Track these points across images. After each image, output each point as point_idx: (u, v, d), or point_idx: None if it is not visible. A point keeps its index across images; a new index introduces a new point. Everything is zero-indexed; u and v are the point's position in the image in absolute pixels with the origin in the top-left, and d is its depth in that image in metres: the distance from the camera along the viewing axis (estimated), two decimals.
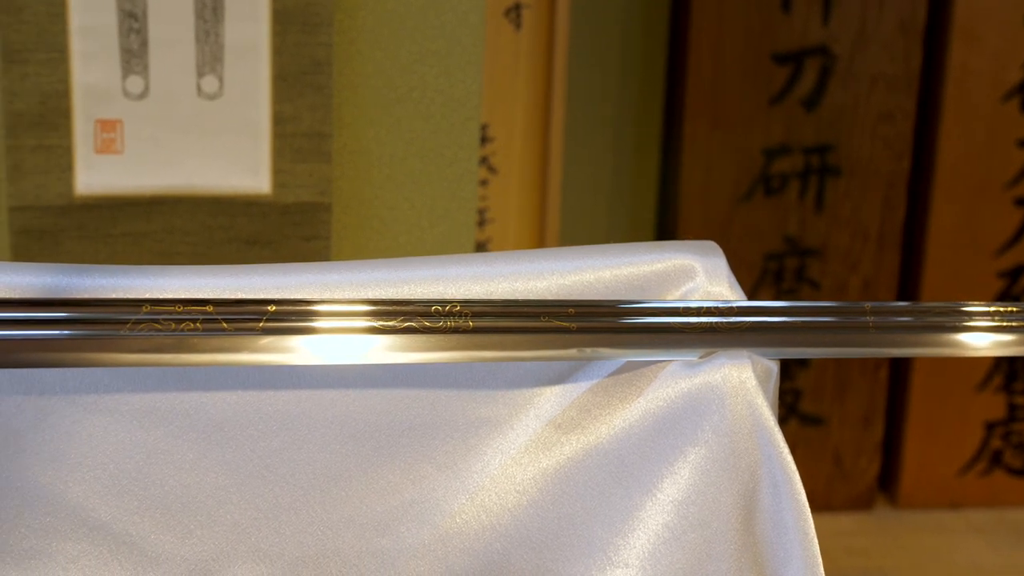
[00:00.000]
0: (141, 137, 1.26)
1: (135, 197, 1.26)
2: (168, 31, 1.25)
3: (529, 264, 0.72)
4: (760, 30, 2.01)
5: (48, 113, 1.23)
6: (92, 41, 1.22)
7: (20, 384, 0.67)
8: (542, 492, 0.71)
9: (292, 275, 0.70)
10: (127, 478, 0.69)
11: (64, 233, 1.25)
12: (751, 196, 2.08)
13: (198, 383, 0.69)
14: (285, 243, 1.31)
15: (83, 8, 1.22)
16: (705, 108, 2.04)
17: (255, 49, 1.26)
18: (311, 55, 1.27)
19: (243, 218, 1.30)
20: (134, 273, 0.69)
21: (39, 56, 1.21)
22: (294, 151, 1.29)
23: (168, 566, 0.70)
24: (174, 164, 1.27)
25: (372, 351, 0.68)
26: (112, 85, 1.24)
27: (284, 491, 0.70)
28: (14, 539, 0.68)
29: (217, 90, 1.27)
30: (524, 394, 0.72)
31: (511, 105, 1.87)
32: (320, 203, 1.31)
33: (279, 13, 1.25)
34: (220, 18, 1.26)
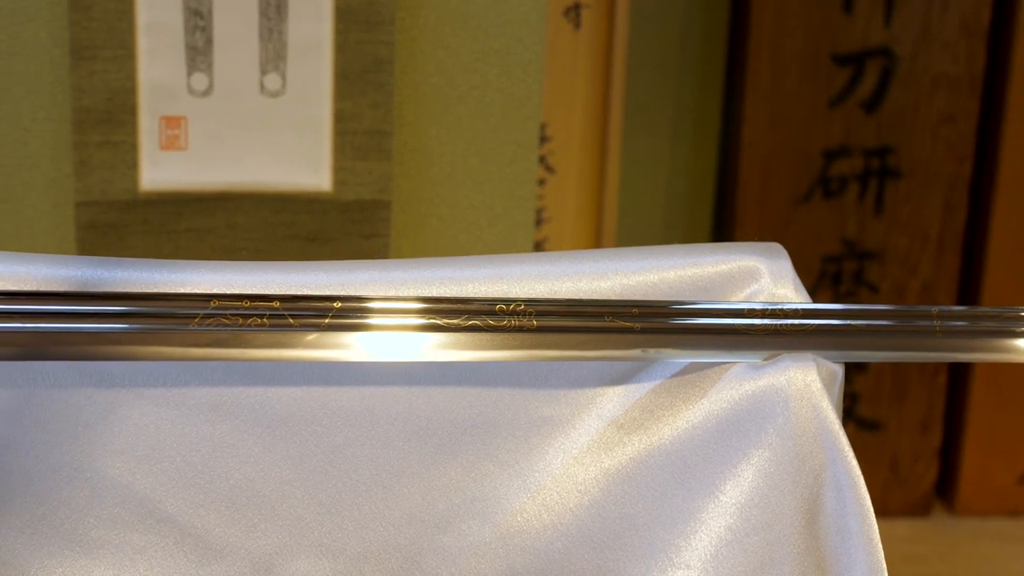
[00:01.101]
0: (205, 134, 1.27)
1: (198, 193, 1.27)
2: (232, 29, 1.26)
3: (593, 264, 0.72)
4: (820, 31, 1.99)
5: (114, 110, 1.24)
6: (158, 38, 1.24)
7: (89, 377, 0.68)
8: (604, 492, 0.71)
9: (357, 272, 0.71)
10: (193, 471, 0.70)
11: (128, 228, 1.27)
12: (809, 198, 2.07)
13: (264, 378, 0.70)
14: (345, 240, 1.32)
15: (150, 6, 1.23)
16: (764, 109, 2.02)
17: (318, 47, 1.27)
18: (373, 53, 1.28)
19: (304, 215, 1.31)
20: (202, 268, 0.70)
21: (106, 53, 1.23)
22: (355, 149, 1.30)
23: (232, 559, 0.71)
24: (237, 161, 1.28)
25: (435, 349, 0.68)
26: (177, 82, 1.26)
27: (347, 486, 0.71)
28: (83, 529, 0.69)
29: (280, 88, 1.28)
30: (587, 394, 0.72)
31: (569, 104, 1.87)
32: (380, 201, 1.31)
33: (342, 11, 1.26)
34: (284, 16, 1.27)
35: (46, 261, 0.69)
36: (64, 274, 0.68)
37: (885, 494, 2.14)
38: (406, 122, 1.34)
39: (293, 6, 1.26)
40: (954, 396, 2.17)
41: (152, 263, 0.70)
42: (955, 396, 2.17)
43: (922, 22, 2.00)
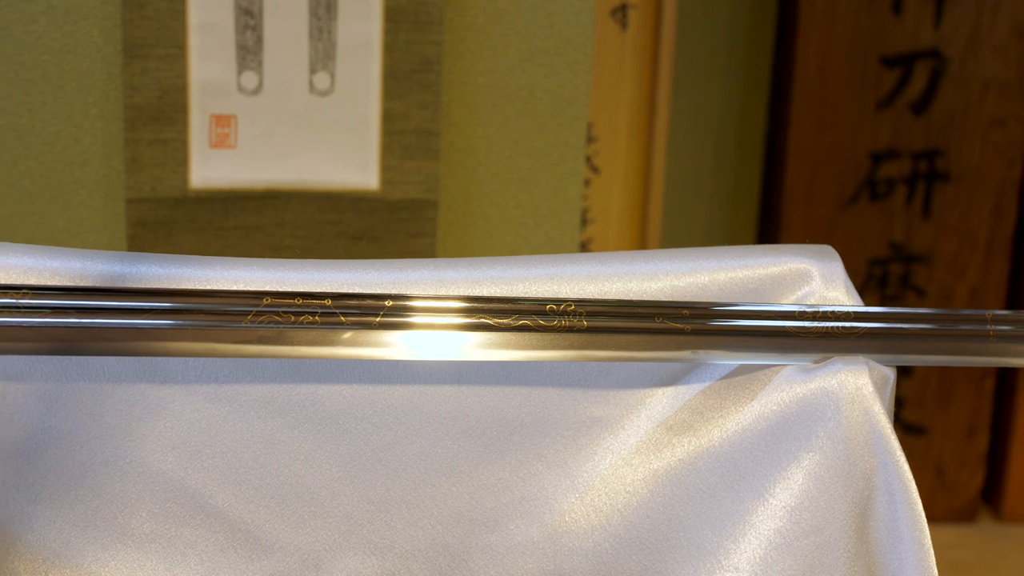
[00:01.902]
0: (254, 132, 1.28)
1: (247, 191, 1.28)
2: (282, 28, 1.26)
3: (644, 265, 0.72)
4: (869, 32, 1.98)
5: (166, 108, 1.25)
6: (209, 37, 1.25)
7: (143, 372, 0.69)
8: (652, 493, 0.71)
9: (408, 271, 0.71)
10: (244, 467, 0.70)
11: (178, 225, 1.28)
12: (856, 201, 2.05)
13: (315, 375, 0.70)
14: (391, 239, 1.33)
15: (202, 5, 1.24)
16: (811, 111, 2.01)
17: (367, 46, 1.28)
18: (422, 53, 1.28)
19: (351, 213, 1.31)
20: (255, 266, 0.70)
21: (159, 51, 1.24)
22: (403, 148, 1.31)
23: (281, 555, 0.71)
24: (286, 159, 1.29)
25: (485, 348, 0.68)
26: (227, 81, 1.27)
27: (396, 484, 0.71)
28: (135, 523, 0.69)
29: (329, 87, 1.28)
30: (636, 395, 0.72)
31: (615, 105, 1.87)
32: (427, 200, 1.32)
33: (391, 11, 1.27)
34: (333, 15, 1.27)
35: (101, 257, 0.69)
36: (118, 270, 0.69)
37: (930, 500, 2.12)
38: (453, 122, 1.34)
39: (343, 5, 1.26)
40: (1001, 401, 2.14)
41: (205, 260, 0.70)
42: (1002, 401, 2.14)
43: (972, 24, 1.98)
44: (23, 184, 1.26)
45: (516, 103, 1.36)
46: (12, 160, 1.26)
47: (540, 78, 1.36)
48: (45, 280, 0.67)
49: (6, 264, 0.67)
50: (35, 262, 0.68)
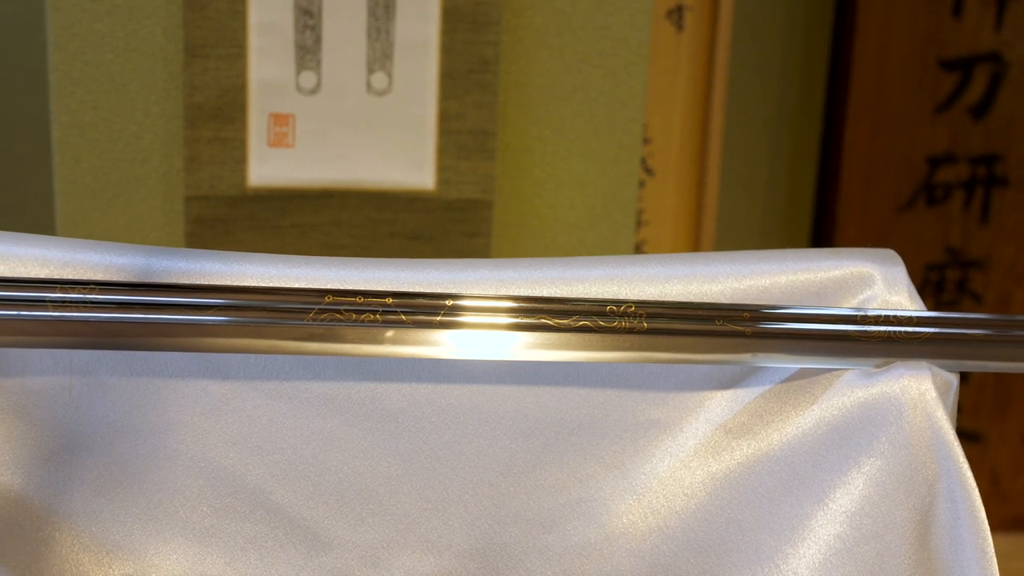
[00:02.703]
0: (312, 131, 1.29)
1: (304, 190, 1.29)
2: (341, 28, 1.27)
3: (704, 267, 0.72)
4: (928, 35, 1.96)
5: (225, 107, 1.26)
6: (269, 37, 1.26)
7: (205, 368, 0.70)
8: (711, 496, 0.71)
9: (468, 271, 0.71)
10: (304, 464, 0.70)
11: (236, 223, 1.29)
12: (912, 205, 2.03)
13: (375, 373, 0.71)
14: (446, 239, 1.33)
15: (262, 5, 1.25)
16: (867, 114, 2.00)
17: (424, 47, 1.28)
18: (479, 53, 1.29)
19: (407, 213, 1.32)
20: (317, 264, 0.70)
21: (219, 51, 1.25)
22: (459, 148, 1.31)
23: (340, 551, 0.71)
24: (343, 158, 1.30)
25: (545, 349, 0.68)
26: (286, 80, 1.28)
27: (454, 483, 0.71)
28: (196, 517, 0.70)
29: (386, 86, 1.29)
30: (695, 397, 0.72)
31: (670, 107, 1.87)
32: (482, 200, 1.32)
33: (449, 11, 1.27)
34: (392, 16, 1.28)
35: (164, 254, 0.70)
36: (182, 267, 0.69)
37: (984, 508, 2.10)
38: (509, 122, 1.34)
39: (401, 6, 1.27)
40: None
41: (267, 257, 0.70)
42: None
43: None
44: (85, 181, 1.28)
45: (572, 104, 1.36)
46: (75, 157, 1.27)
47: (596, 79, 1.36)
48: (110, 276, 0.68)
49: (72, 259, 0.68)
50: (100, 257, 0.68)
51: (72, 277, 0.68)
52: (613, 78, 1.36)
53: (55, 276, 0.67)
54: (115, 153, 1.28)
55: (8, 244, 0.68)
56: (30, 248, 0.68)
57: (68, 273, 0.68)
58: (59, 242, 0.68)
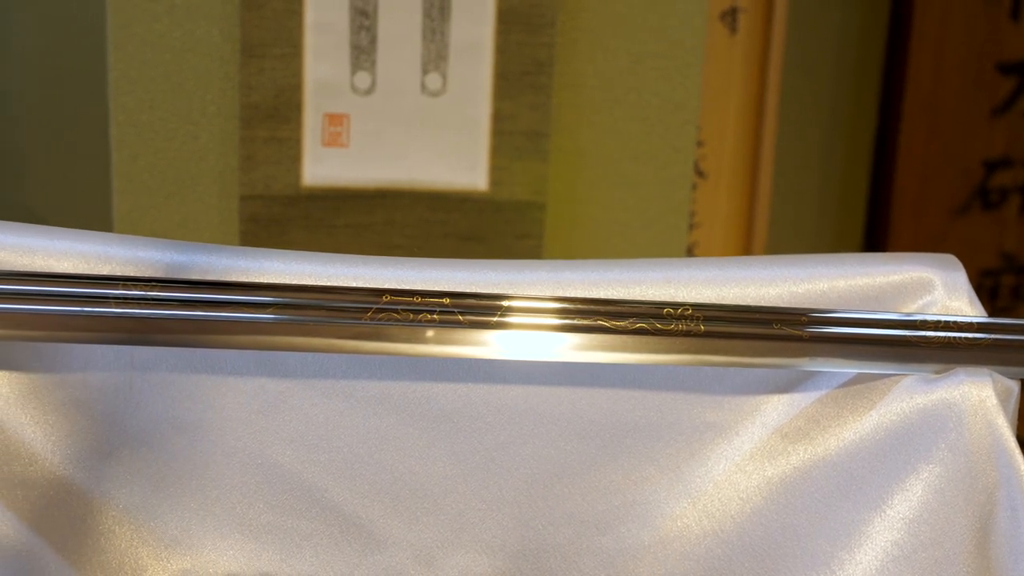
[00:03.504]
0: (366, 132, 1.30)
1: (358, 190, 1.30)
2: (396, 29, 1.28)
3: (762, 270, 0.72)
4: (985, 39, 1.94)
5: (281, 106, 1.27)
6: (325, 37, 1.27)
7: (263, 367, 0.70)
8: (766, 501, 0.70)
9: (526, 272, 0.71)
10: (360, 462, 0.71)
11: (290, 223, 1.30)
12: (967, 210, 2.01)
13: (430, 373, 0.71)
14: (498, 240, 1.33)
15: (318, 5, 1.26)
16: (923, 118, 1.98)
17: (479, 48, 1.28)
18: (533, 55, 1.29)
19: (459, 214, 1.32)
20: (374, 263, 0.71)
21: (275, 51, 1.26)
22: (512, 149, 1.31)
23: (394, 550, 0.72)
24: (396, 159, 1.30)
25: (602, 351, 0.68)
26: (341, 80, 1.28)
27: (508, 484, 0.72)
28: (253, 513, 0.71)
29: (440, 87, 1.29)
30: (751, 401, 0.72)
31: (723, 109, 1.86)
32: (535, 202, 1.32)
33: (504, 13, 1.27)
34: (447, 17, 1.28)
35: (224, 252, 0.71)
36: (241, 265, 0.70)
37: None
38: (563, 124, 1.34)
39: (456, 7, 1.27)
40: None
41: (326, 257, 0.71)
42: None
43: None
44: (142, 179, 1.29)
45: (625, 106, 1.35)
46: (132, 155, 1.29)
47: (650, 81, 1.36)
48: (171, 273, 0.69)
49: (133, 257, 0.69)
50: (161, 255, 0.69)
51: (134, 274, 0.68)
52: (667, 80, 1.36)
53: (117, 273, 0.68)
54: (172, 152, 1.30)
55: (71, 241, 0.68)
56: (93, 245, 0.68)
57: (130, 270, 0.68)
58: (121, 239, 0.69)
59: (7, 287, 0.65)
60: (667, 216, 1.39)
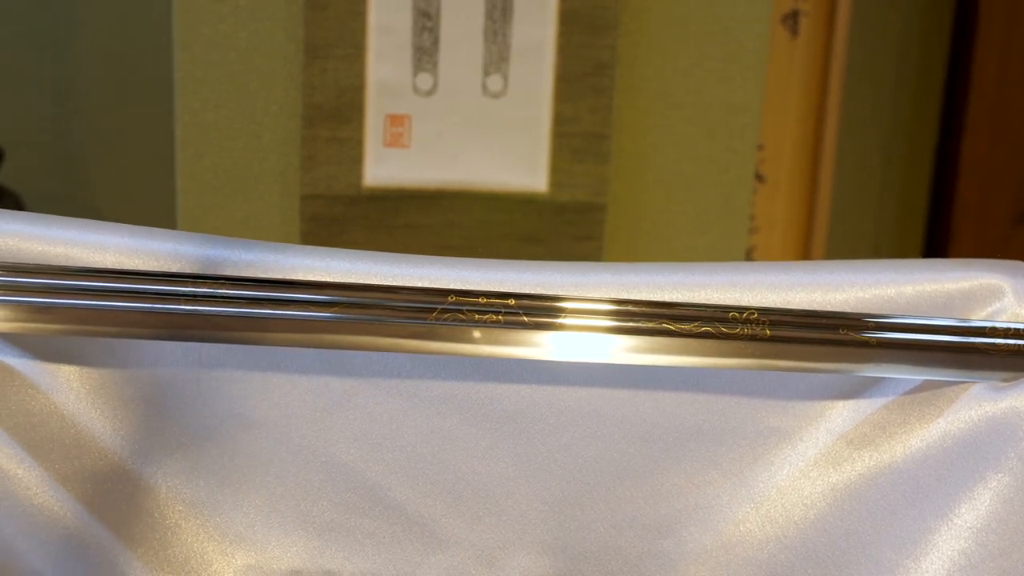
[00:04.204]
0: (427, 132, 1.30)
1: (418, 190, 1.30)
2: (458, 30, 1.28)
3: (828, 275, 0.71)
4: None
5: (343, 107, 1.28)
6: (387, 38, 1.27)
7: (328, 365, 0.71)
8: (831, 507, 0.70)
9: (590, 274, 0.71)
10: (423, 462, 0.71)
11: (351, 222, 1.31)
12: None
13: (494, 374, 0.71)
14: (558, 241, 1.33)
15: (381, 6, 1.26)
16: (987, 121, 1.96)
17: (540, 50, 1.29)
18: (595, 57, 1.29)
19: (519, 215, 1.32)
20: (440, 264, 0.71)
21: (338, 52, 1.27)
22: (572, 151, 1.31)
23: (456, 550, 0.72)
24: (457, 160, 1.31)
25: (666, 354, 0.68)
26: (403, 81, 1.29)
27: (571, 486, 0.71)
28: (317, 511, 0.71)
29: (502, 89, 1.30)
30: (816, 406, 0.71)
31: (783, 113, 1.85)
32: (595, 203, 1.32)
33: (566, 15, 1.27)
34: (509, 19, 1.28)
35: (291, 251, 0.71)
36: (308, 264, 0.70)
37: None
38: (623, 126, 1.34)
39: (518, 9, 1.28)
40: None
41: (391, 257, 0.71)
42: None
43: None
44: (206, 178, 1.30)
45: (686, 109, 1.35)
46: (196, 154, 1.30)
47: (711, 84, 1.35)
48: (239, 271, 0.69)
49: (202, 255, 0.70)
50: (229, 253, 0.70)
51: (202, 272, 0.69)
52: (729, 83, 1.35)
53: (186, 271, 0.69)
54: (235, 151, 1.31)
55: (141, 238, 0.69)
56: (163, 243, 0.69)
57: (198, 268, 0.69)
58: (190, 237, 0.70)
59: (80, 283, 0.66)
60: (726, 219, 1.39)
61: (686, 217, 1.38)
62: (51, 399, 0.68)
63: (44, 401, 0.68)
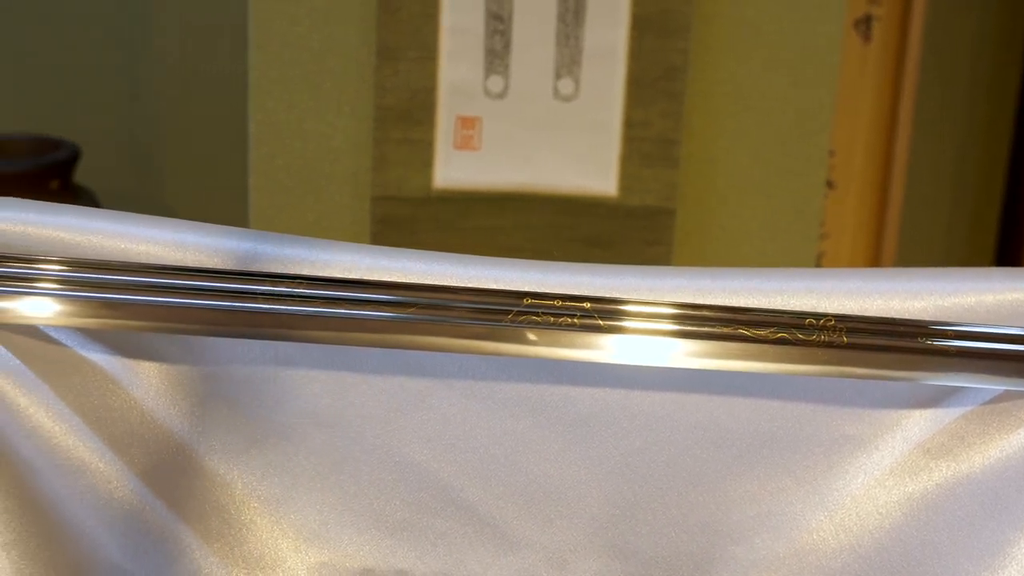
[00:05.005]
0: (497, 135, 1.31)
1: (488, 193, 1.31)
2: (530, 33, 1.28)
3: (907, 282, 0.70)
4: None
5: (414, 109, 1.29)
6: (459, 41, 1.28)
7: (403, 365, 0.71)
8: (906, 517, 0.69)
9: (666, 279, 0.71)
10: (495, 463, 0.71)
11: (420, 224, 1.31)
12: None
13: (568, 376, 0.71)
14: (627, 246, 1.33)
15: (454, 9, 1.27)
16: None
17: (612, 53, 1.28)
18: (666, 61, 1.28)
19: (588, 218, 1.32)
20: (514, 266, 0.71)
21: (410, 54, 1.27)
22: (642, 155, 1.31)
23: (527, 552, 0.72)
24: (527, 163, 1.31)
25: (742, 360, 0.68)
26: (474, 84, 1.29)
27: (642, 490, 0.71)
28: (389, 510, 0.71)
29: (573, 92, 1.30)
30: (892, 415, 0.70)
31: (854, 119, 1.83)
32: (664, 208, 1.32)
33: (638, 18, 1.27)
34: (581, 22, 1.28)
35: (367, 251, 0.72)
36: (383, 264, 0.71)
37: None
38: (694, 131, 1.33)
39: (591, 12, 1.28)
40: None
41: (467, 258, 0.71)
42: None
43: None
44: (279, 178, 1.32)
45: (758, 113, 1.34)
46: (269, 154, 1.31)
47: (783, 89, 1.34)
48: (316, 271, 0.70)
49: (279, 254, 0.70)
50: (307, 253, 0.70)
51: (280, 271, 0.70)
52: (801, 88, 1.34)
53: (264, 270, 0.69)
54: (307, 152, 1.32)
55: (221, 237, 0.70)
56: (241, 241, 0.70)
57: (276, 267, 0.70)
58: (269, 237, 0.70)
59: (160, 281, 0.67)
60: (797, 225, 1.38)
61: (756, 222, 1.37)
62: (131, 395, 0.69)
63: (124, 396, 0.69)
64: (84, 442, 0.66)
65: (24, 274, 0.65)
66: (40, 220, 0.67)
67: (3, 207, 0.67)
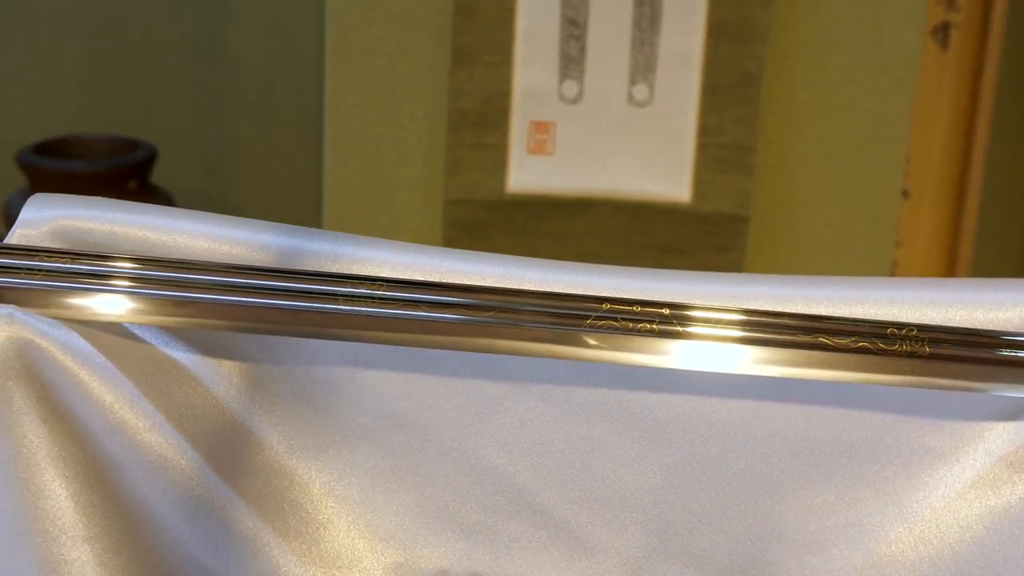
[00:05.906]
0: (571, 140, 1.31)
1: (561, 198, 1.31)
2: (606, 38, 1.28)
3: (991, 293, 0.69)
4: None
5: (489, 113, 1.29)
6: (534, 45, 1.28)
7: (481, 369, 0.71)
8: (988, 531, 0.68)
9: (743, 286, 0.70)
10: (571, 468, 0.71)
11: (493, 228, 1.31)
12: None
13: (645, 382, 0.71)
14: (699, 252, 1.32)
15: (529, 14, 1.27)
16: None
17: (687, 59, 1.28)
18: (742, 68, 1.28)
19: (661, 224, 1.32)
20: (593, 272, 0.71)
21: (485, 58, 1.28)
22: (717, 162, 1.30)
23: (601, 558, 0.72)
24: (600, 168, 1.31)
25: (821, 368, 0.67)
26: (549, 88, 1.29)
27: (719, 498, 0.71)
28: (465, 512, 0.72)
29: (647, 98, 1.29)
30: (974, 427, 0.69)
31: (931, 127, 1.81)
32: (738, 215, 1.31)
33: (714, 25, 1.27)
34: (657, 28, 1.28)
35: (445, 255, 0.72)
36: (461, 268, 0.71)
37: None
38: (770, 138, 1.33)
39: (666, 18, 1.27)
40: None
41: (545, 263, 0.72)
42: None
43: None
44: (352, 181, 1.33)
45: (835, 121, 1.33)
46: (343, 158, 1.32)
47: (861, 96, 1.33)
48: (396, 274, 0.70)
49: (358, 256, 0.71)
50: (386, 255, 0.71)
51: (360, 273, 0.70)
52: (878, 96, 1.33)
53: (344, 272, 0.70)
54: (380, 156, 1.33)
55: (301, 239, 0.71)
56: (321, 243, 0.70)
57: (356, 269, 0.70)
58: (346, 239, 0.71)
59: (242, 281, 0.67)
60: (872, 233, 1.37)
61: (830, 230, 1.36)
62: (212, 393, 0.70)
63: (206, 395, 0.70)
64: (167, 439, 0.67)
65: (100, 271, 0.66)
66: (127, 219, 0.68)
67: (93, 206, 0.68)
